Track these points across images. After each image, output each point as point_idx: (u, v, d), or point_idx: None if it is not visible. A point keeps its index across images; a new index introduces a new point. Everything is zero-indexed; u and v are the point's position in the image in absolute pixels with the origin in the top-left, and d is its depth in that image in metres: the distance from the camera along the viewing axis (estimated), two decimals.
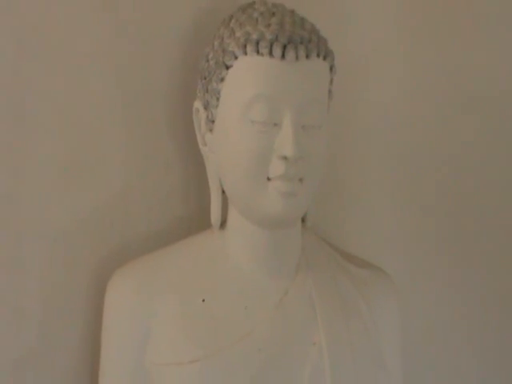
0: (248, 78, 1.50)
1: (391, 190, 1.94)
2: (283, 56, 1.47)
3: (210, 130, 1.55)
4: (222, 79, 1.52)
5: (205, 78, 1.56)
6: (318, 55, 1.51)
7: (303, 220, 1.66)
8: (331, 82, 1.57)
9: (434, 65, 1.93)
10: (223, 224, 1.61)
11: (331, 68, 1.55)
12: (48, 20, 1.63)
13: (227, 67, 1.51)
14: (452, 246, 1.94)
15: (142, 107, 1.69)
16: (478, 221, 1.98)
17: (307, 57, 1.49)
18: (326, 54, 1.53)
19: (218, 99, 1.53)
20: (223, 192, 1.59)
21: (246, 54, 1.49)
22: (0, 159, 1.61)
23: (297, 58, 1.48)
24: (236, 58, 1.50)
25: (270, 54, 1.47)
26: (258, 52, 1.48)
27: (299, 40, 1.50)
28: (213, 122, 1.54)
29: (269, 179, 1.48)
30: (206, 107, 1.55)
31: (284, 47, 1.48)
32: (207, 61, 1.56)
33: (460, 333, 1.95)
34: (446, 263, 1.92)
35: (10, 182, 1.59)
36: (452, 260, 1.95)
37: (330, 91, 1.57)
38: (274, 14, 1.54)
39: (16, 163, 1.60)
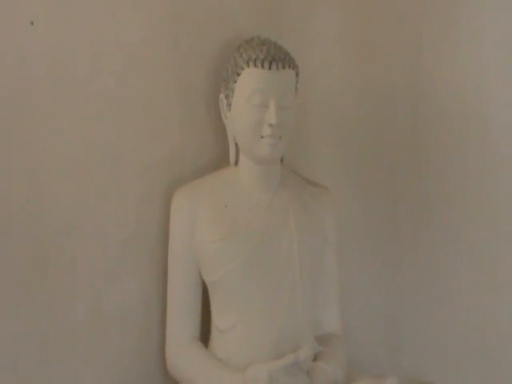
0: (250, 80, 2.13)
1: (335, 142, 2.60)
2: (270, 68, 2.11)
3: (229, 110, 2.19)
4: (235, 81, 2.15)
5: (225, 81, 2.20)
6: (289, 67, 2.16)
7: (281, 160, 2.29)
8: (297, 81, 2.21)
9: (360, 69, 2.57)
10: (237, 163, 2.25)
11: (297, 74, 2.20)
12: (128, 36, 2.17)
13: (238, 74, 2.14)
14: (371, 173, 2.58)
15: (190, 97, 2.32)
16: (389, 155, 2.56)
17: (283, 68, 2.13)
18: (294, 66, 2.18)
19: (233, 93, 2.17)
20: (236, 145, 2.23)
21: (248, 66, 2.12)
22: (109, 123, 2.15)
23: (277, 68, 2.12)
24: (243, 69, 2.14)
25: (262, 66, 2.11)
26: (255, 66, 2.12)
27: (279, 59, 2.14)
28: (230, 105, 2.18)
29: (262, 137, 2.12)
30: (226, 97, 2.18)
31: (270, 63, 2.11)
32: (227, 71, 2.20)
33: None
34: (363, 184, 2.57)
35: (117, 137, 2.18)
36: (365, 182, 2.58)
37: (296, 87, 2.21)
38: (264, 44, 2.18)
39: (120, 124, 2.19)
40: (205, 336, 2.31)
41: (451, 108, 2.54)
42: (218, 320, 2.23)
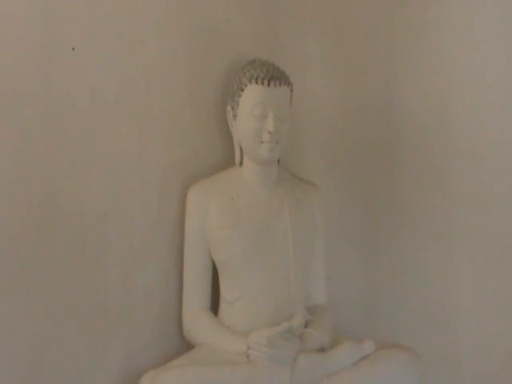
0: (252, 95, 2.31)
1: (323, 147, 2.77)
2: (268, 85, 2.30)
3: (235, 120, 2.36)
4: (240, 96, 2.33)
5: (232, 95, 2.38)
6: (285, 84, 2.34)
7: (278, 161, 2.45)
8: (291, 96, 2.39)
9: (342, 85, 2.73)
10: (241, 163, 2.41)
11: (291, 90, 2.38)
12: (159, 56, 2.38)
13: (242, 90, 2.32)
14: (353, 173, 2.74)
15: (202, 109, 2.50)
16: (367, 157, 2.73)
17: (280, 85, 2.32)
18: (289, 84, 2.37)
19: (238, 105, 2.34)
20: (240, 148, 2.39)
21: (251, 83, 2.31)
22: (135, 131, 2.32)
23: (275, 85, 2.30)
24: (246, 85, 2.32)
25: (262, 84, 2.30)
26: (256, 83, 2.30)
27: (276, 77, 2.32)
28: (236, 116, 2.35)
29: (262, 142, 2.30)
30: (232, 109, 2.36)
31: (269, 81, 2.30)
32: (233, 87, 2.38)
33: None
34: (346, 182, 2.74)
35: (141, 142, 2.35)
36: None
37: (290, 101, 2.39)
38: (264, 65, 2.36)
39: (144, 132, 2.35)
40: (214, 307, 2.46)
41: (418, 118, 2.67)
42: (225, 293, 2.39)
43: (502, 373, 2.61)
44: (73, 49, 2.18)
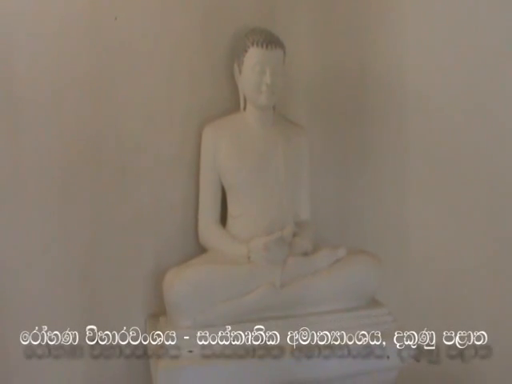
0: (253, 56, 2.52)
1: (308, 98, 2.90)
2: (267, 47, 2.52)
3: (240, 75, 2.59)
4: (244, 56, 2.55)
5: (238, 56, 2.60)
6: (279, 47, 2.56)
7: (274, 107, 2.66)
8: (284, 56, 2.59)
9: (324, 51, 2.85)
10: (244, 108, 2.63)
11: (284, 52, 2.59)
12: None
13: (246, 51, 2.55)
14: (330, 119, 2.91)
15: (216, 67, 2.68)
16: (342, 107, 2.91)
17: (275, 48, 2.54)
18: (282, 47, 2.59)
19: (242, 63, 2.57)
20: (244, 97, 2.60)
21: (253, 46, 2.53)
22: (163, 85, 2.55)
23: (271, 48, 2.52)
24: (249, 47, 2.54)
25: (262, 47, 2.52)
26: (257, 46, 2.52)
27: (272, 41, 2.54)
28: (241, 71, 2.58)
29: (261, 92, 2.53)
30: (238, 66, 2.60)
31: (267, 44, 2.52)
32: (239, 49, 2.59)
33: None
34: (326, 125, 2.89)
35: (169, 93, 2.59)
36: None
37: (283, 60, 2.60)
38: (262, 31, 2.59)
39: (171, 85, 2.57)
40: (223, 220, 2.69)
41: (382, 77, 2.87)
42: (231, 210, 2.64)
43: (440, 271, 2.93)
44: (115, 18, 2.50)
